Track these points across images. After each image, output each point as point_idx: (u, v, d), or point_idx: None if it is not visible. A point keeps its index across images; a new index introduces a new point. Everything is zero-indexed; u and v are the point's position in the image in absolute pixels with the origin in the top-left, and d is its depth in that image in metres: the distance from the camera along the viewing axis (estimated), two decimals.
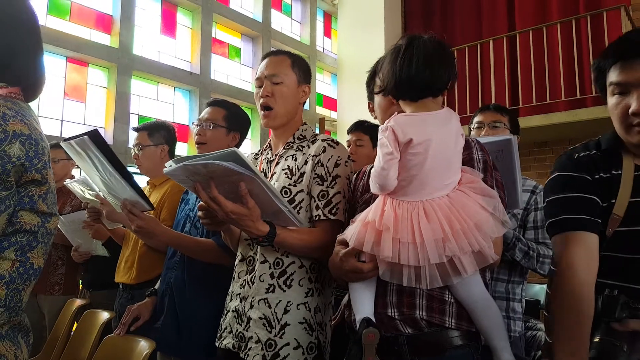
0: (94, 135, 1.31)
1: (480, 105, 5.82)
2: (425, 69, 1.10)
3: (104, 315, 1.98)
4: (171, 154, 2.37)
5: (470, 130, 2.01)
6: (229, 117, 1.94)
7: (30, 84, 0.96)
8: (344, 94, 7.91)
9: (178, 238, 1.74)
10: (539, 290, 4.26)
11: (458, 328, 1.09)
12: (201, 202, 1.28)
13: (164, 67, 6.14)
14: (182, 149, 6.28)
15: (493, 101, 5.66)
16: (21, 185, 0.84)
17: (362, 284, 1.14)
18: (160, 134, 2.31)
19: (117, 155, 1.42)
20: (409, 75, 1.10)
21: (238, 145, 2.03)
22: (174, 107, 6.42)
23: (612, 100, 1.09)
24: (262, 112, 1.47)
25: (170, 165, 1.18)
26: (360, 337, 1.06)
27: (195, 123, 1.96)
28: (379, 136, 1.11)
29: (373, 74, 1.35)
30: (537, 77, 5.49)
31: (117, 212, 1.86)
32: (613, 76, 1.08)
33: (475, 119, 2.00)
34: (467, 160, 1.16)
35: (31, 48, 0.95)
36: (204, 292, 1.73)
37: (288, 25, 8.05)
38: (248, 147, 7.01)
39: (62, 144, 1.43)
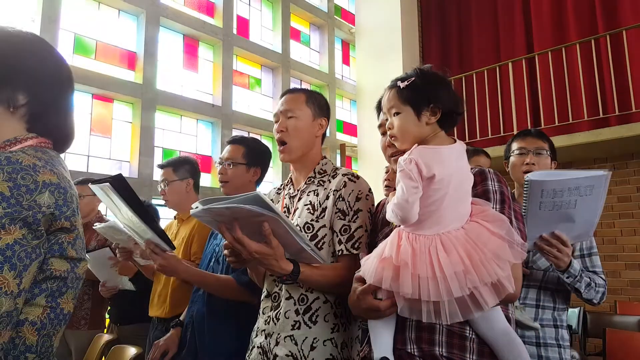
0: (116, 181, 1.34)
1: (501, 128, 5.78)
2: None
3: (132, 350, 1.98)
4: (196, 187, 2.43)
5: (510, 155, 1.93)
6: (248, 153, 1.98)
7: (60, 138, 0.99)
8: (363, 120, 7.96)
9: (199, 275, 1.76)
10: (570, 315, 4.11)
11: None
12: (226, 242, 1.29)
13: (186, 100, 6.31)
14: (205, 179, 6.39)
15: (514, 123, 5.61)
16: (51, 233, 0.86)
17: (381, 320, 1.12)
18: (185, 168, 2.37)
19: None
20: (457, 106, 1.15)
21: (260, 178, 2.05)
22: (197, 138, 6.56)
23: None
24: (279, 147, 1.51)
25: (197, 207, 1.20)
26: None
27: (217, 162, 2.01)
28: (401, 167, 1.08)
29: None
30: (558, 97, 5.43)
31: None
32: None
33: (517, 145, 1.91)
34: (482, 192, 1.14)
35: (64, 105, 0.99)
36: (223, 326, 1.74)
37: (307, 55, 8.22)
38: (270, 176, 7.08)
39: (90, 185, 1.47)
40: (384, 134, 1.35)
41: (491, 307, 1.01)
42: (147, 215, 1.47)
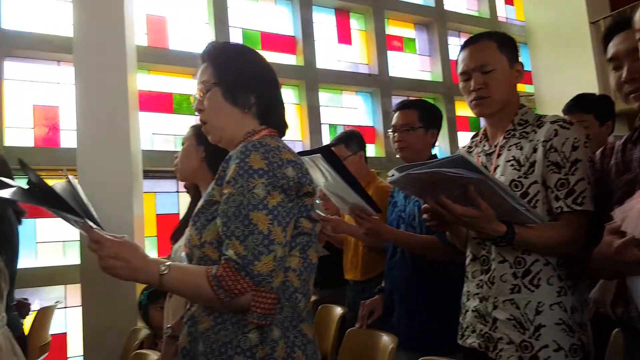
0: (326, 152, 1.47)
1: None
2: None
3: (338, 310, 2.12)
4: (365, 158, 2.54)
5: None
6: (423, 116, 1.95)
7: (281, 127, 1.18)
8: (539, 65, 7.06)
9: (403, 237, 1.80)
10: None
11: None
12: (425, 205, 1.28)
13: (345, 74, 6.46)
14: (369, 149, 6.50)
15: None
16: (299, 197, 1.05)
17: None
18: (354, 142, 2.48)
19: None
20: None
21: (435, 141, 2.02)
22: (358, 111, 6.68)
23: None
24: (474, 101, 1.39)
25: (393, 175, 1.20)
26: None
27: (390, 130, 2.01)
28: None
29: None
30: None
31: (342, 225, 2.04)
32: None
33: None
34: None
35: (280, 99, 1.19)
36: (431, 289, 1.77)
37: (462, 2, 7.63)
38: None
39: None
40: (617, 68, 1.17)
41: None
42: (355, 181, 1.56)
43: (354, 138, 2.49)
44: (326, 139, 6.14)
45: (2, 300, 1.46)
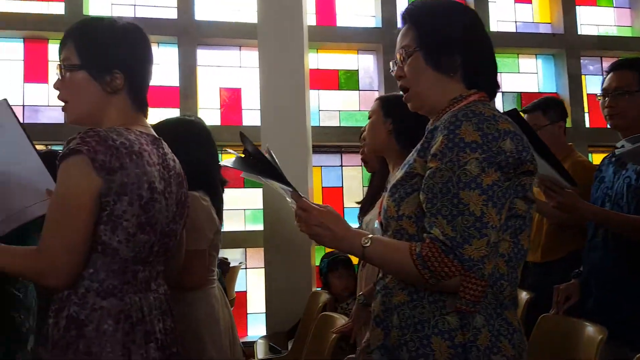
0: (511, 115, 1.35)
1: None
2: None
3: (523, 294, 1.98)
4: (564, 130, 2.31)
5: None
6: None
7: (491, 91, 1.09)
8: None
9: (603, 214, 1.64)
10: None
11: None
12: None
13: (522, 36, 5.89)
14: None
15: None
16: (516, 176, 0.95)
17: None
18: (554, 110, 2.27)
19: None
20: None
21: None
22: (537, 76, 6.04)
23: None
24: None
25: (623, 145, 1.09)
26: None
27: (599, 95, 1.80)
28: None
29: None
30: None
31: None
32: None
33: None
34: None
35: (491, 57, 1.09)
36: (638, 275, 1.58)
37: None
38: None
39: None
40: None
41: None
42: (546, 149, 1.45)
43: (553, 106, 2.29)
44: (499, 108, 5.71)
45: (218, 256, 1.67)
